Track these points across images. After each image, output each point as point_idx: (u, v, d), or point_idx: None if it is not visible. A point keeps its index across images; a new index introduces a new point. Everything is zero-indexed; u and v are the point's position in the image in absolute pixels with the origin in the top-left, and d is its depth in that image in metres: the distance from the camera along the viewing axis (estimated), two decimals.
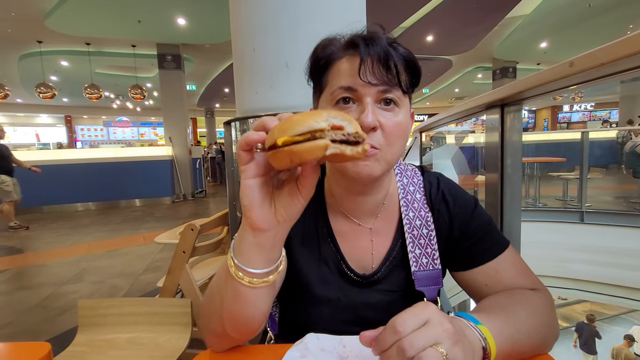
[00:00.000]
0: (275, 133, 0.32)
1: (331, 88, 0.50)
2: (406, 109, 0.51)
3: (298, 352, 0.45)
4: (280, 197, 0.39)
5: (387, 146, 0.48)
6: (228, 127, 1.55)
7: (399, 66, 0.48)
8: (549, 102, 15.64)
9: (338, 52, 0.50)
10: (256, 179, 0.38)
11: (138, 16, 5.97)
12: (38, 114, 14.50)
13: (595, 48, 0.45)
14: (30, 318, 2.30)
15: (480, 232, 0.56)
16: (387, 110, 0.48)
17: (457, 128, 7.92)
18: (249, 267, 0.40)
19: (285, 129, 0.31)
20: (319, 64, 0.52)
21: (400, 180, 0.61)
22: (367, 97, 0.47)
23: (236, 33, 1.38)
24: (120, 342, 1.08)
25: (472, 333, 0.38)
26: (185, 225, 1.43)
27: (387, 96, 0.48)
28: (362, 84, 0.47)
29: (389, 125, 0.48)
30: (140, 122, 16.36)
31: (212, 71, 9.82)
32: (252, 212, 0.38)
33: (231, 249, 0.42)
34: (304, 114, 0.32)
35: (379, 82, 0.47)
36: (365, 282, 0.57)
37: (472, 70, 11.29)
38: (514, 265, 0.54)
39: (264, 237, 0.39)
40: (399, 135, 0.49)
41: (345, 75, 0.48)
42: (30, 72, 8.49)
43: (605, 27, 7.11)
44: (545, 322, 0.48)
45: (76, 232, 4.82)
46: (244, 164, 0.37)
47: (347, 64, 0.48)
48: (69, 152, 7.60)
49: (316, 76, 0.53)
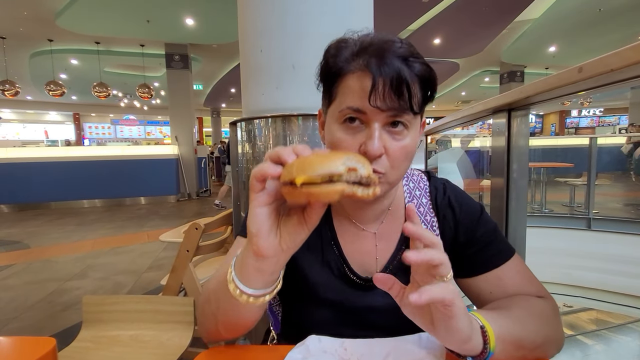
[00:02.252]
0: (294, 172, 0.34)
1: (340, 105, 0.48)
2: (415, 130, 0.49)
3: (299, 354, 0.45)
4: (286, 225, 0.40)
5: (391, 170, 0.47)
6: (234, 127, 1.55)
7: (413, 88, 0.45)
8: (557, 106, 15.49)
9: (349, 65, 0.47)
10: (266, 207, 0.38)
11: (147, 16, 6.04)
12: (47, 111, 14.72)
13: (606, 54, 0.45)
14: (35, 313, 2.32)
15: (486, 239, 0.56)
16: (395, 134, 0.47)
17: (462, 132, 7.87)
18: (247, 288, 0.41)
19: (304, 169, 0.33)
20: (330, 72, 0.49)
21: (406, 185, 0.61)
22: (375, 122, 0.45)
23: (243, 34, 1.39)
24: (124, 338, 1.08)
25: (471, 315, 0.40)
26: (190, 224, 1.43)
27: (396, 119, 0.46)
28: (371, 109, 0.45)
29: (395, 150, 0.47)
30: (147, 121, 16.51)
31: (218, 71, 9.88)
32: (259, 240, 0.38)
33: (232, 267, 0.42)
34: (321, 156, 0.34)
35: (388, 107, 0.44)
36: (368, 285, 0.56)
37: (480, 74, 11.23)
38: (519, 274, 0.54)
39: (266, 263, 0.40)
40: (404, 159, 0.48)
41: (355, 97, 0.45)
42: (41, 70, 8.63)
43: (615, 32, 7.03)
44: (548, 327, 0.47)
45: (82, 229, 4.87)
46: (256, 192, 0.38)
47: (358, 82, 0.46)
48: (77, 150, 7.69)
49: (326, 84, 0.51)
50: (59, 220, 5.47)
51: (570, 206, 4.82)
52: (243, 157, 1.51)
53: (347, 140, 0.47)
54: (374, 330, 0.52)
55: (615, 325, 3.39)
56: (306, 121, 1.30)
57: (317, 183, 0.32)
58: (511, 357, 0.43)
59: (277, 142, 1.36)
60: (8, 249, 3.96)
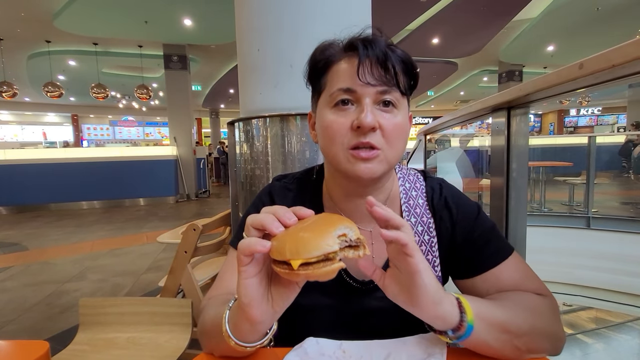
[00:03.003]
0: (286, 253, 0.33)
1: (330, 90, 0.50)
2: (405, 111, 0.51)
3: (297, 357, 0.44)
4: (277, 287, 0.39)
5: (387, 147, 0.48)
6: (232, 127, 1.55)
7: (397, 68, 0.48)
8: (556, 105, 15.52)
9: (337, 55, 0.50)
10: (255, 277, 0.38)
11: (145, 17, 6.03)
12: (46, 112, 14.69)
13: (607, 49, 0.44)
14: (33, 315, 2.31)
15: (483, 239, 0.55)
16: (386, 112, 0.49)
17: (461, 131, 7.88)
18: (243, 342, 0.41)
19: (299, 251, 0.33)
20: (318, 67, 0.52)
21: (402, 185, 0.60)
22: (365, 97, 0.47)
23: (241, 33, 1.38)
24: (121, 341, 1.07)
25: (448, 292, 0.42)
26: (188, 225, 1.42)
27: (385, 97, 0.48)
28: (360, 85, 0.47)
29: (388, 126, 0.48)
30: (146, 122, 16.49)
31: (217, 72, 9.87)
32: (252, 310, 0.38)
33: (226, 323, 0.42)
34: (313, 232, 0.34)
35: (377, 82, 0.47)
36: (364, 288, 0.56)
37: (478, 74, 11.24)
38: (517, 272, 0.53)
39: (261, 326, 0.40)
40: (399, 137, 0.50)
41: (344, 77, 0.48)
42: (39, 72, 8.60)
43: (613, 31, 7.04)
44: (540, 319, 0.47)
45: (81, 230, 4.86)
46: (244, 265, 0.37)
47: (346, 65, 0.49)
48: (75, 151, 7.67)
49: (315, 78, 0.53)
50: (58, 222, 5.46)
51: (570, 205, 4.82)
52: (241, 158, 1.51)
53: (338, 121, 0.49)
54: (371, 334, 0.51)
55: (615, 324, 3.38)
56: (304, 120, 1.29)
57: (313, 262, 0.33)
58: (498, 341, 0.43)
59: (275, 142, 1.35)
60: (6, 251, 3.94)
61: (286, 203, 0.59)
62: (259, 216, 0.38)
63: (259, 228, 0.37)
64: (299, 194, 0.61)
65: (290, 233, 0.35)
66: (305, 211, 0.39)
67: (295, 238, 0.34)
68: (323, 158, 0.56)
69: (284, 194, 0.61)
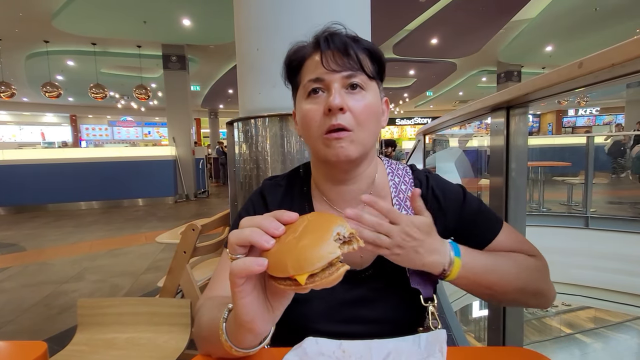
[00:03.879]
0: (289, 270, 0.32)
1: (303, 83, 0.54)
2: (374, 93, 0.54)
3: (296, 357, 0.43)
4: (273, 295, 0.39)
5: (358, 127, 0.51)
6: (231, 127, 1.54)
7: (360, 54, 0.52)
8: (554, 106, 15.57)
9: (307, 53, 0.55)
10: (252, 294, 0.36)
11: (144, 17, 6.01)
12: (44, 113, 14.64)
13: (606, 48, 0.44)
14: (32, 316, 2.30)
15: (474, 219, 0.59)
16: (354, 94, 0.52)
17: (460, 132, 7.89)
18: (242, 348, 0.40)
19: (301, 266, 0.32)
20: (292, 66, 0.56)
21: (392, 180, 0.62)
22: (334, 83, 0.51)
23: (240, 33, 1.38)
24: (120, 342, 1.07)
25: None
26: (187, 225, 1.42)
27: (352, 81, 0.51)
28: (326, 72, 0.51)
29: (357, 107, 0.51)
30: (145, 122, 16.45)
31: (216, 72, 9.86)
32: (255, 325, 0.37)
33: (224, 334, 0.41)
34: (310, 240, 0.33)
35: (341, 68, 0.51)
36: (358, 278, 0.56)
37: (477, 74, 11.25)
38: (510, 242, 0.58)
39: (264, 334, 0.40)
40: (369, 117, 0.52)
41: (313, 69, 0.52)
42: (37, 72, 8.57)
43: (611, 32, 7.06)
44: (531, 279, 0.54)
45: (79, 231, 4.84)
46: (238, 287, 0.35)
47: (315, 59, 0.53)
48: (74, 151, 7.65)
49: (291, 77, 0.58)
50: (56, 223, 5.44)
51: (568, 205, 4.83)
52: (240, 158, 1.50)
53: (312, 108, 0.52)
54: (365, 325, 0.53)
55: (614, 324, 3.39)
56: None
57: (318, 272, 0.33)
58: (480, 293, 0.52)
59: (274, 142, 1.35)
60: (4, 251, 3.93)
61: (276, 197, 0.61)
62: (244, 232, 0.35)
63: (246, 245, 0.35)
64: (288, 187, 0.63)
65: (285, 245, 0.34)
66: (288, 215, 0.37)
67: (294, 251, 0.33)
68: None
69: (275, 190, 0.63)
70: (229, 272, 0.35)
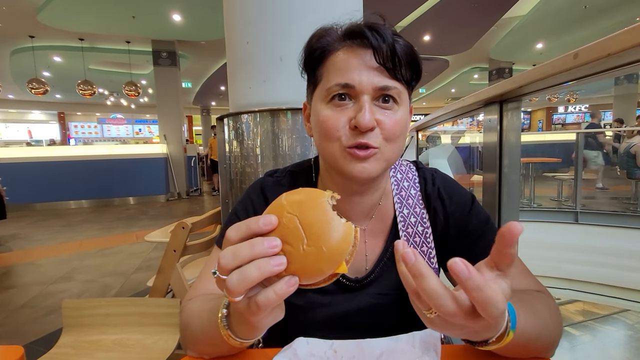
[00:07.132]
0: (327, 271, 0.31)
1: (327, 83, 0.46)
2: (406, 106, 0.48)
3: (285, 358, 0.42)
4: None
5: (386, 145, 0.45)
6: (220, 123, 1.51)
7: (403, 60, 0.45)
8: (544, 103, 15.77)
9: (335, 43, 0.47)
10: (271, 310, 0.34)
11: (132, 11, 5.88)
12: (30, 110, 14.28)
13: (602, 38, 0.43)
14: (17, 318, 2.24)
15: (478, 231, 0.53)
16: (386, 109, 0.45)
17: (452, 128, 7.94)
18: (243, 339, 0.38)
19: (335, 261, 0.31)
20: (314, 56, 0.48)
21: (394, 176, 0.58)
22: (364, 94, 0.44)
23: (229, 26, 1.34)
24: (107, 343, 1.04)
25: None
26: (176, 224, 1.39)
27: (386, 93, 0.45)
28: (359, 80, 0.44)
29: (388, 123, 0.45)
30: (135, 120, 16.18)
31: (208, 69, 9.73)
32: (266, 327, 0.36)
33: (227, 330, 0.38)
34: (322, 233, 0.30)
35: (378, 77, 0.44)
36: (358, 286, 0.54)
37: (469, 71, 11.33)
38: (515, 267, 0.50)
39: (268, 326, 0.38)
40: (399, 134, 0.46)
41: (342, 70, 0.45)
42: (22, 68, 8.34)
43: (601, 29, 7.16)
44: (558, 322, 0.45)
45: (68, 230, 4.74)
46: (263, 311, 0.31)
47: (345, 56, 0.45)
48: (62, 149, 7.48)
49: (310, 68, 0.50)
50: (44, 222, 5.32)
51: (558, 200, 4.90)
52: (231, 154, 1.48)
53: (333, 117, 0.45)
54: (361, 333, 0.50)
55: (601, 316, 3.46)
56: (295, 115, 1.27)
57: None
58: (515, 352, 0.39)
59: (265, 138, 1.32)
60: None
61: None
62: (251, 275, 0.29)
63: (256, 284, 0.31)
64: (291, 189, 0.59)
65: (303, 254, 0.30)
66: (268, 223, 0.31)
67: (322, 254, 0.30)
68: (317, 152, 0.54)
69: (277, 190, 0.58)
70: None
